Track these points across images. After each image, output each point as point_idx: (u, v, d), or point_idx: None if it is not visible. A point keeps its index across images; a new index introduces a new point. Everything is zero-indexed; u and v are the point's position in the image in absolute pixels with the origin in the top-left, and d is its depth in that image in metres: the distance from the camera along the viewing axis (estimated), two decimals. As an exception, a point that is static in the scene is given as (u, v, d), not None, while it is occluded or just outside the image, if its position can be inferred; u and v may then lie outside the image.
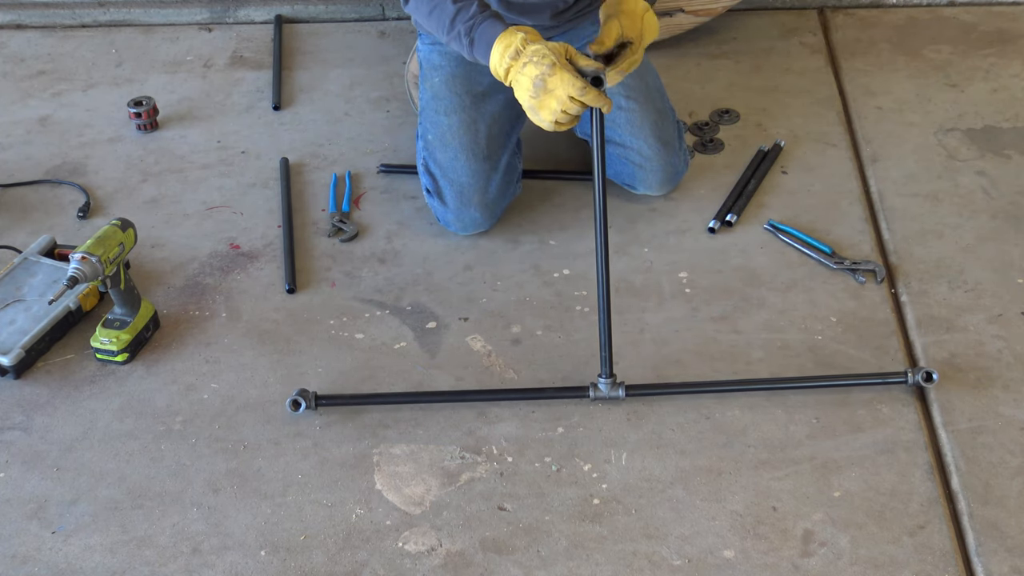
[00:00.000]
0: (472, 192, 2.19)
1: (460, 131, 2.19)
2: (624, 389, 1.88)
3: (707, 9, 2.69)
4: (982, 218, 2.24)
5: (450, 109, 2.20)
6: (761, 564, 1.66)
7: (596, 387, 1.89)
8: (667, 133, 2.25)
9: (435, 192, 2.22)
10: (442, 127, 2.20)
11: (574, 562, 1.68)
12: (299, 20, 2.99)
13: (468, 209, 2.20)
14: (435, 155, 2.21)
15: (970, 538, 1.68)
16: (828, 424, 1.85)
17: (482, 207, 2.20)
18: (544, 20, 2.17)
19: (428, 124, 2.23)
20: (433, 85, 2.24)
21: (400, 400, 1.93)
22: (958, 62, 2.69)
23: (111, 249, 1.94)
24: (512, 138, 2.26)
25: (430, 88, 2.24)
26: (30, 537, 1.75)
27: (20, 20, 3.02)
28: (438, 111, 2.21)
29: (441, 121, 2.21)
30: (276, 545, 1.72)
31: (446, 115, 2.20)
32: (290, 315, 2.11)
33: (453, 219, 2.22)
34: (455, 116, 2.20)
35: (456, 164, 2.18)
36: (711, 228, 2.23)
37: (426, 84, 2.26)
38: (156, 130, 2.61)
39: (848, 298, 2.08)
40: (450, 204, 2.20)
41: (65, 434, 1.91)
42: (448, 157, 2.19)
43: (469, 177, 2.18)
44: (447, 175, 2.19)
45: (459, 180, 2.19)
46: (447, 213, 2.21)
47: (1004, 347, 1.97)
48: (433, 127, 2.22)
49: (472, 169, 2.18)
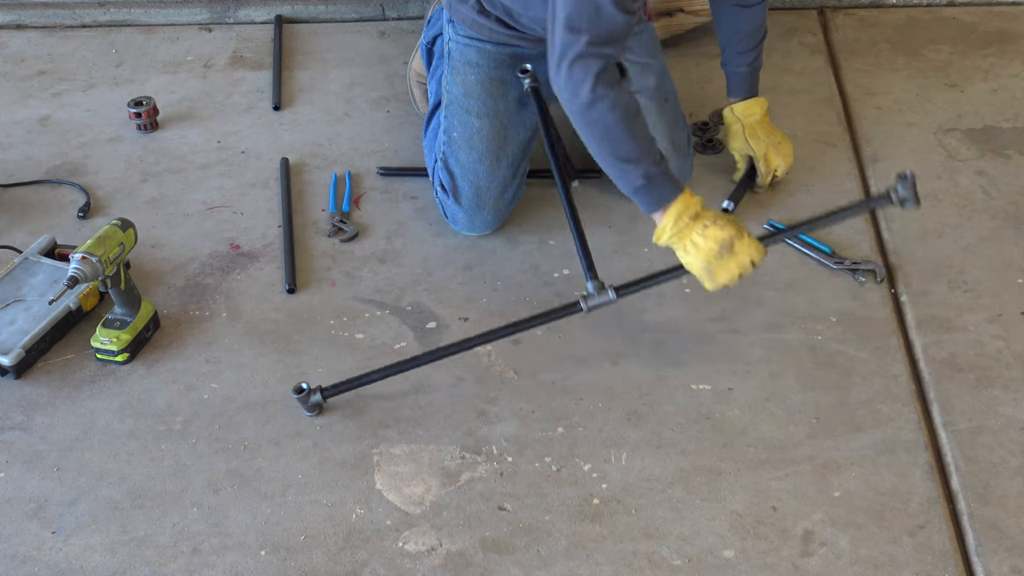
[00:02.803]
0: (489, 197, 2.19)
1: (490, 136, 2.17)
2: (614, 291, 1.87)
3: (707, 9, 2.69)
4: (982, 218, 2.24)
5: (483, 112, 2.18)
6: (761, 564, 1.66)
7: (586, 297, 1.88)
8: (679, 138, 2.26)
9: (450, 190, 2.21)
10: (471, 128, 2.18)
11: (574, 562, 1.68)
12: (299, 20, 2.99)
13: (482, 212, 2.20)
14: (458, 154, 2.19)
15: (970, 538, 1.68)
16: (828, 424, 1.85)
17: (495, 211, 2.21)
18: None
19: (456, 121, 2.20)
20: (467, 82, 2.19)
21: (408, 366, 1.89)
22: (958, 62, 2.69)
23: (111, 249, 1.94)
24: (530, 147, 2.26)
25: (462, 84, 2.19)
26: (30, 537, 1.75)
27: (20, 20, 3.03)
28: (470, 111, 2.18)
29: (471, 122, 2.18)
30: (276, 545, 1.72)
31: (478, 117, 2.18)
32: (290, 315, 2.11)
33: (464, 219, 2.21)
34: (487, 120, 2.17)
35: (479, 167, 2.18)
36: (724, 208, 2.25)
37: (457, 78, 2.20)
38: (156, 130, 2.61)
39: (848, 298, 2.08)
40: (464, 204, 2.20)
41: (65, 434, 1.91)
42: (472, 159, 2.18)
43: (489, 181, 2.18)
44: (467, 176, 2.19)
45: (479, 183, 2.18)
46: (459, 212, 2.21)
47: (1004, 347, 1.97)
48: (461, 126, 2.19)
49: (494, 175, 2.18)
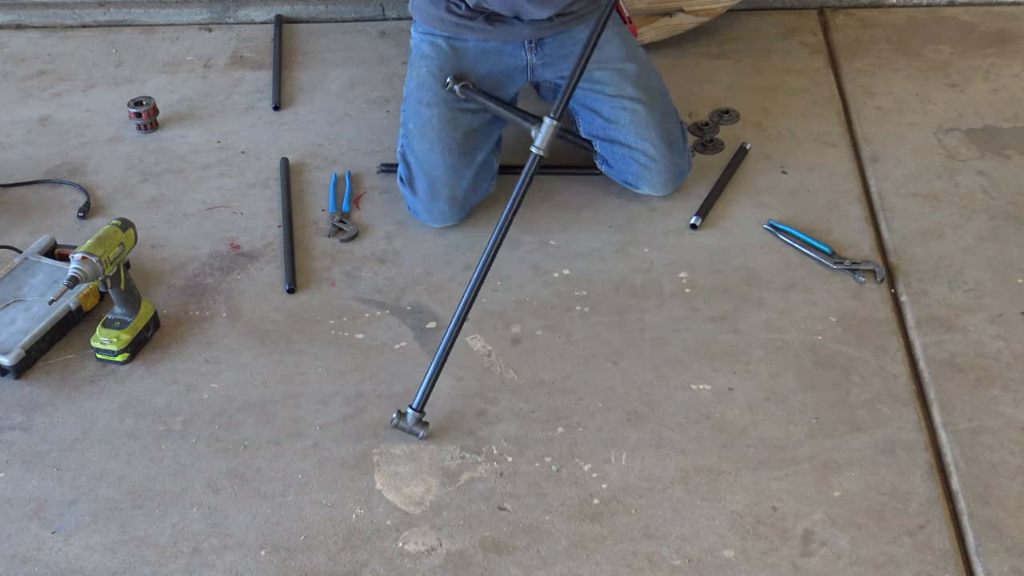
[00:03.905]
0: (443, 185, 2.21)
1: (439, 124, 2.20)
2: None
3: (707, 9, 2.69)
4: (982, 218, 2.24)
5: (433, 101, 2.22)
6: (761, 564, 1.66)
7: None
8: (672, 134, 2.26)
9: (408, 181, 2.25)
10: (423, 117, 2.22)
11: (574, 562, 1.68)
12: (299, 20, 2.99)
13: (437, 201, 2.22)
14: (413, 144, 2.23)
15: (970, 538, 1.68)
16: (828, 424, 1.85)
17: (451, 201, 2.22)
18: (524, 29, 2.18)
19: (410, 112, 2.25)
20: (420, 74, 2.25)
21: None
22: (958, 62, 2.69)
23: (111, 249, 1.94)
24: (491, 137, 2.27)
25: (416, 77, 2.26)
26: (30, 537, 1.75)
27: (20, 20, 3.03)
28: (421, 101, 2.23)
29: (423, 112, 2.22)
30: (276, 545, 1.72)
31: (428, 106, 2.22)
32: (290, 315, 2.11)
33: (422, 209, 2.24)
34: (436, 109, 2.21)
35: (431, 156, 2.20)
36: (692, 224, 2.24)
37: (413, 72, 2.27)
38: (156, 130, 2.61)
39: (848, 298, 2.08)
40: (420, 194, 2.23)
41: (65, 434, 1.91)
42: (425, 148, 2.21)
43: (442, 170, 2.20)
44: (422, 165, 2.21)
45: (432, 172, 2.20)
46: (417, 203, 2.24)
47: (1004, 347, 1.97)
48: (414, 116, 2.24)
49: (446, 163, 2.20)
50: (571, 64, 2.20)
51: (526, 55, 2.24)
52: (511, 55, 2.24)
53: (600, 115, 2.25)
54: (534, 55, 2.24)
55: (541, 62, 2.26)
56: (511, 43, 2.22)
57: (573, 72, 2.03)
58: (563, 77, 2.26)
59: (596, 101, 2.25)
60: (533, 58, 2.25)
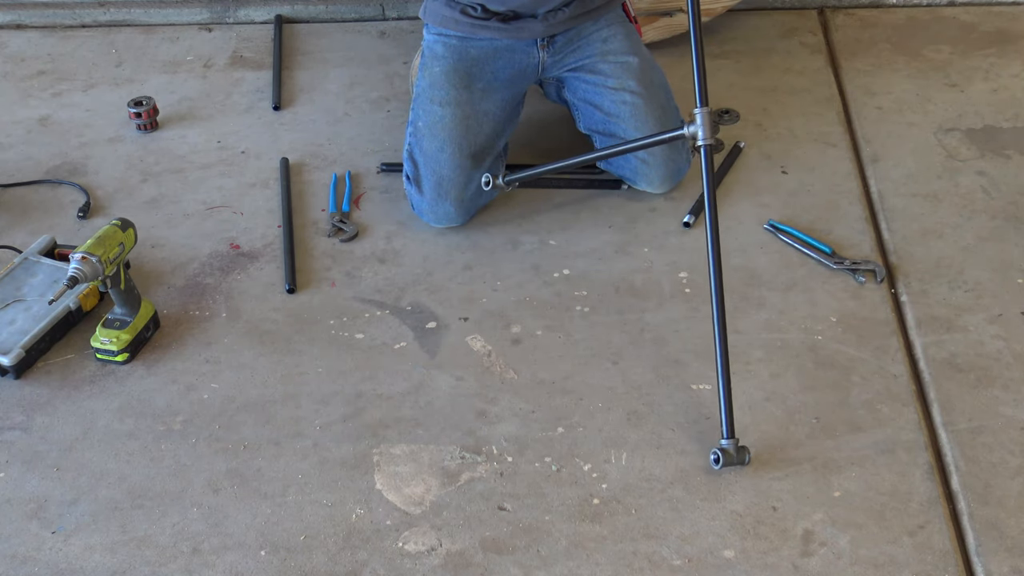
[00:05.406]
0: (451, 186, 2.20)
1: (452, 124, 2.20)
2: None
3: (707, 9, 2.69)
4: (982, 218, 2.24)
5: (446, 101, 2.21)
6: (761, 564, 1.66)
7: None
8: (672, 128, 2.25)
9: (414, 180, 2.24)
10: (434, 116, 2.21)
11: (574, 562, 1.68)
12: (299, 20, 2.99)
13: (444, 202, 2.21)
14: (422, 143, 2.22)
15: (970, 538, 1.68)
16: (828, 424, 1.85)
17: (458, 203, 2.21)
18: (538, 26, 2.19)
19: (421, 111, 2.24)
20: (432, 74, 2.25)
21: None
22: (958, 62, 2.69)
23: (111, 249, 1.94)
24: (501, 141, 2.27)
25: (428, 76, 2.25)
26: (30, 537, 1.75)
27: (20, 20, 3.03)
28: (433, 100, 2.22)
29: (435, 111, 2.21)
30: (276, 545, 1.72)
31: (440, 106, 2.21)
32: (290, 315, 2.11)
33: (427, 209, 2.23)
34: (449, 108, 2.20)
35: (441, 156, 2.20)
36: (685, 223, 2.24)
37: (425, 72, 2.27)
38: (156, 130, 2.61)
39: (848, 298, 2.08)
40: (427, 194, 2.22)
41: (65, 434, 1.91)
42: (435, 147, 2.20)
43: (451, 171, 2.19)
44: (430, 165, 2.21)
45: (440, 172, 2.20)
46: (422, 202, 2.23)
47: (1004, 347, 1.97)
48: (425, 115, 2.23)
49: (456, 163, 2.19)
50: (576, 57, 2.21)
51: (538, 53, 2.25)
52: (523, 52, 2.24)
53: (600, 109, 2.25)
54: (546, 52, 2.25)
55: (551, 59, 2.26)
56: (524, 41, 2.23)
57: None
58: (568, 70, 2.28)
59: (597, 95, 2.25)
60: (544, 56, 2.25)
